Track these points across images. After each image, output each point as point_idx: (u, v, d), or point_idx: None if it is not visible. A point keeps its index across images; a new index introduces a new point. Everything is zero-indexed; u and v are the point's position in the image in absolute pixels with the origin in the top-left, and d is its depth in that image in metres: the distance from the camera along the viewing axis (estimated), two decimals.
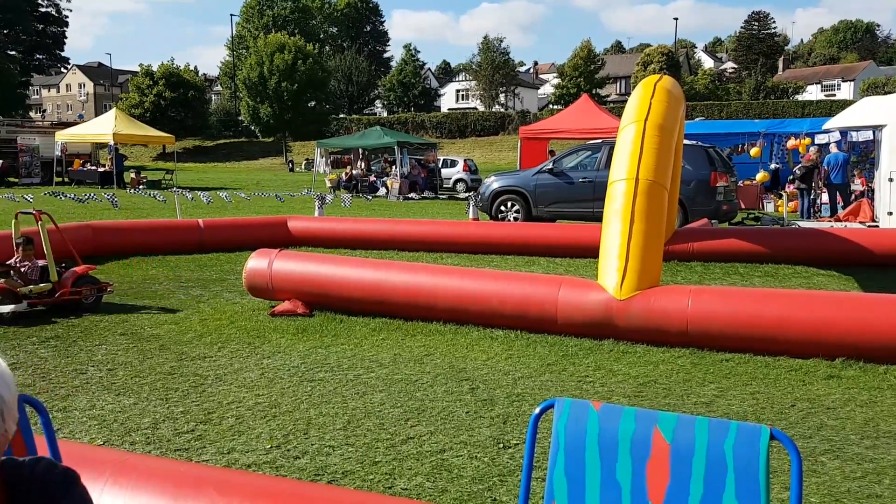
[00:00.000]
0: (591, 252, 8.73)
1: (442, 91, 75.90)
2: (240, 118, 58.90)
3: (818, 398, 4.64)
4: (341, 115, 60.64)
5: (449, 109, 68.04)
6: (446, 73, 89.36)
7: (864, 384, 4.89)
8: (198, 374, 5.16)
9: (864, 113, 13.50)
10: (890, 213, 11.83)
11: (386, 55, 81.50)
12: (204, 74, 78.01)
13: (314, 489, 2.55)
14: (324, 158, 31.43)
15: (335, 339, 6.10)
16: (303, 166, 46.04)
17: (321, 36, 68.56)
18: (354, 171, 27.93)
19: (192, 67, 61.97)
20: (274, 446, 3.88)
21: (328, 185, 27.17)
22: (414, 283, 6.64)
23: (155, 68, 56.78)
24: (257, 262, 7.15)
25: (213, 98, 72.18)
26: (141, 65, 58.07)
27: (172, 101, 55.21)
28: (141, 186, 27.56)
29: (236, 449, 3.85)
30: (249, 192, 19.64)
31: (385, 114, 67.53)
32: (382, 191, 25.41)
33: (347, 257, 7.36)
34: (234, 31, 66.31)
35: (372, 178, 27.48)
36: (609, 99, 60.46)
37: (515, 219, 14.04)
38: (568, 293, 6.18)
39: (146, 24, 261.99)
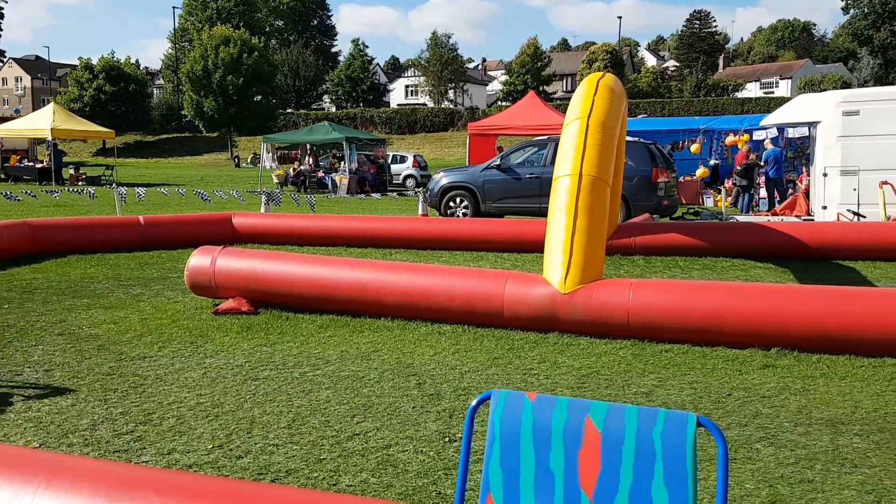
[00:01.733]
0: (538, 247, 8.84)
1: (391, 87, 75.65)
2: (183, 112, 57.63)
3: (754, 387, 4.80)
4: (288, 110, 59.89)
5: (398, 105, 67.87)
6: (395, 68, 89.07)
7: (798, 373, 5.07)
8: (137, 374, 5.05)
9: (800, 110, 13.97)
10: (824, 208, 12.27)
11: (334, 50, 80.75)
12: (146, 68, 76.12)
13: (255, 488, 2.52)
14: (270, 154, 31.02)
15: (281, 337, 6.04)
16: (249, 161, 45.33)
17: (267, 29, 67.53)
18: (302, 167, 27.63)
19: (133, 61, 60.38)
20: (216, 446, 3.82)
21: (275, 180, 26.83)
22: (361, 280, 6.62)
23: (95, 62, 55.12)
24: (200, 260, 7.02)
25: (155, 92, 70.43)
26: (80, 58, 56.38)
27: (113, 95, 53.73)
28: (80, 183, 26.75)
29: (177, 449, 3.78)
30: (210, 190, 19.25)
31: (333, 109, 67.00)
32: (339, 192, 25.19)
33: (293, 254, 7.29)
34: (177, 24, 64.83)
35: (320, 173, 27.24)
36: (556, 96, 61.14)
37: (464, 214, 14.12)
38: (514, 288, 6.24)
39: (88, 16, 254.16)
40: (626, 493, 1.51)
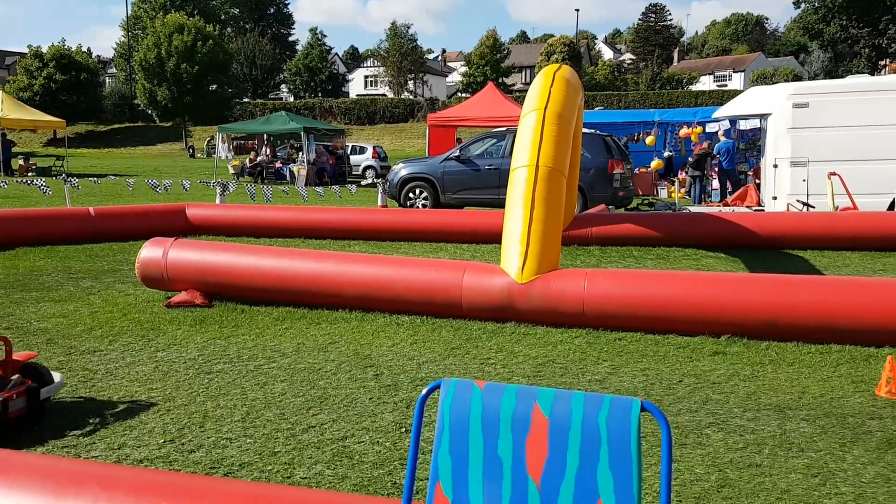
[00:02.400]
0: (497, 238, 8.89)
1: (350, 77, 75.03)
2: (136, 102, 56.31)
3: (704, 374, 4.90)
4: (245, 100, 58.96)
5: (357, 96, 67.36)
6: (354, 58, 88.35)
7: (748, 360, 5.20)
8: (87, 368, 4.94)
9: (751, 102, 14.26)
10: (774, 198, 12.56)
11: (291, 38, 79.73)
12: (98, 56, 74.15)
13: (204, 482, 2.49)
14: (226, 144, 30.54)
15: (235, 330, 5.96)
16: (204, 152, 44.57)
17: (222, 17, 66.27)
18: (259, 158, 27.27)
19: (85, 49, 58.78)
20: (167, 440, 3.76)
21: (231, 171, 26.43)
22: (318, 271, 6.56)
23: (45, 49, 53.49)
24: (151, 252, 6.89)
25: (107, 81, 68.66)
26: (30, 46, 54.65)
27: (64, 84, 52.22)
28: (30, 174, 25.99)
29: (127, 444, 3.71)
30: (162, 181, 18.83)
31: (291, 99, 66.17)
32: (297, 183, 24.91)
33: (248, 245, 7.19)
34: (130, 12, 63.26)
35: (278, 164, 26.91)
36: (515, 88, 61.35)
37: (424, 206, 14.10)
38: (472, 278, 6.26)
39: (37, 2, 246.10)
40: (573, 477, 1.53)
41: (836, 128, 11.82)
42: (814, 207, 11.36)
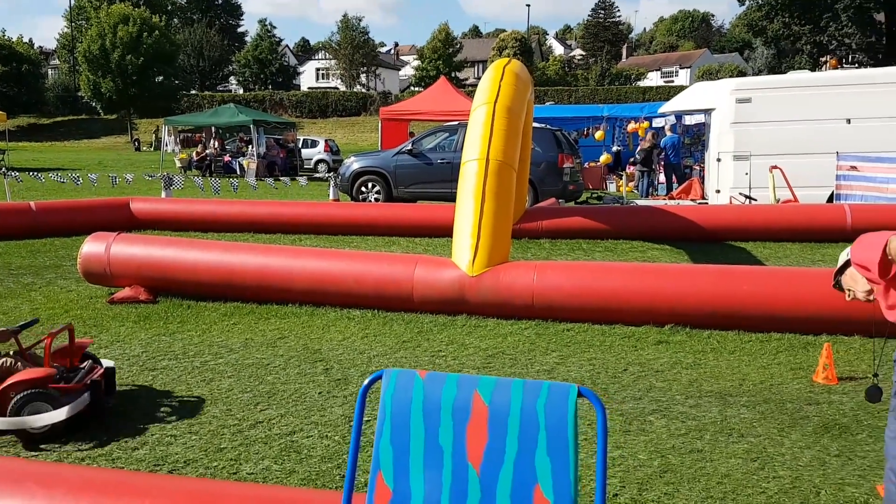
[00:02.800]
0: (450, 231, 8.92)
1: (301, 69, 74.05)
2: (80, 94, 54.63)
3: (648, 362, 5.01)
4: (192, 92, 57.75)
5: (309, 88, 66.54)
6: (305, 50, 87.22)
7: (690, 348, 5.33)
8: None
9: (696, 97, 14.57)
10: (718, 191, 12.86)
11: (240, 30, 78.28)
12: (40, 47, 71.69)
13: (147, 479, 2.45)
14: (173, 137, 29.89)
15: (181, 326, 5.86)
16: (151, 145, 43.54)
17: (169, 8, 64.67)
18: (207, 151, 26.76)
19: (26, 40, 56.75)
20: (110, 438, 3.68)
21: (178, 165, 25.88)
22: (267, 266, 6.49)
23: None
24: (93, 247, 6.71)
25: (50, 73, 66.45)
26: None
27: (4, 75, 50.35)
28: None
29: (69, 442, 3.62)
30: (106, 174, 18.34)
31: (241, 91, 65.03)
32: (246, 176, 24.52)
33: (195, 240, 7.07)
34: (73, 2, 61.28)
35: (226, 157, 26.45)
36: (468, 82, 61.46)
37: (376, 199, 14.04)
38: (423, 271, 6.28)
39: None
40: (511, 463, 1.56)
41: (777, 122, 12.16)
42: (756, 200, 11.67)
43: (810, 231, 9.83)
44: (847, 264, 2.70)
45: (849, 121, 11.19)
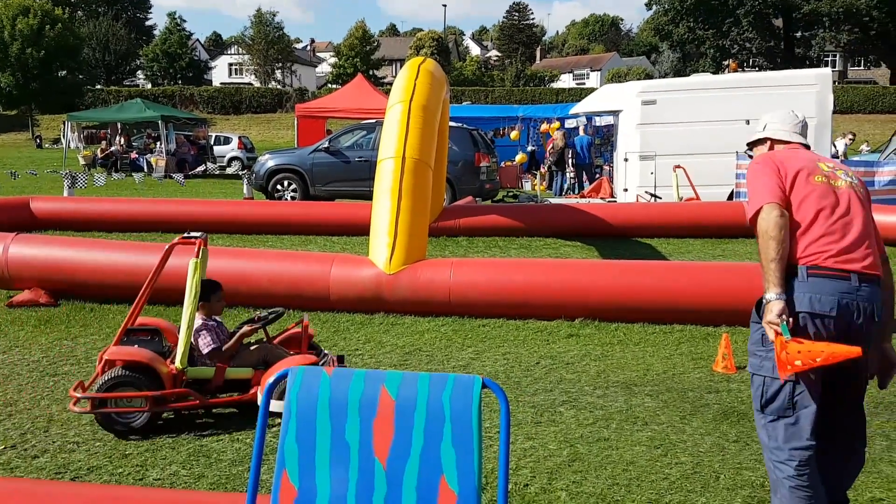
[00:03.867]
0: (368, 230, 8.89)
1: (213, 64, 71.96)
2: None
3: (559, 355, 5.15)
4: (98, 87, 55.26)
5: (221, 84, 64.79)
6: (217, 45, 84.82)
7: (598, 340, 5.51)
8: None
9: (604, 99, 15.03)
10: (626, 190, 13.31)
11: (148, 23, 75.41)
12: None
13: (48, 486, 2.36)
14: (76, 133, 28.54)
15: (84, 330, 5.62)
16: (53, 142, 41.42)
17: (72, 0, 61.74)
18: (113, 148, 25.69)
19: None
20: (8, 447, 3.51)
21: (82, 162, 24.75)
22: (174, 266, 6.27)
23: None
24: None
25: None
26: None
27: None
28: None
29: None
30: (3, 172, 17.31)
31: (149, 86, 62.67)
32: (155, 174, 23.64)
33: (98, 240, 6.79)
34: None
35: (133, 154, 25.47)
36: (386, 80, 61.27)
37: (293, 198, 13.83)
38: (340, 270, 6.24)
39: None
40: (418, 456, 1.58)
41: (680, 123, 12.67)
42: (660, 198, 12.14)
43: (711, 227, 10.31)
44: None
45: (748, 122, 11.76)
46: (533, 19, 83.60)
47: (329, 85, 60.74)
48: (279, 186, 13.95)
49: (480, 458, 1.59)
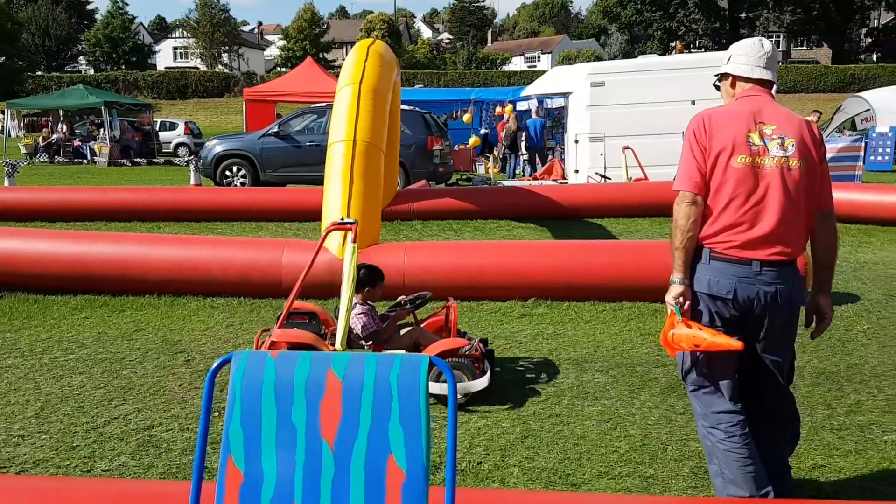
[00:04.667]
0: (320, 215, 8.79)
1: (157, 48, 70.08)
2: None
3: (513, 335, 5.20)
4: (38, 73, 53.36)
5: (166, 68, 63.16)
6: (162, 29, 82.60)
7: (551, 320, 5.57)
8: None
9: (555, 81, 15.11)
10: (576, 171, 13.45)
11: (90, 7, 72.93)
12: None
13: None
14: (17, 121, 27.55)
15: (27, 322, 5.46)
16: None
17: None
18: (54, 135, 24.89)
19: None
20: None
21: (23, 150, 23.94)
22: (120, 255, 6.15)
23: None
24: None
25: None
26: None
27: None
28: None
29: None
30: None
31: (91, 71, 60.74)
32: (98, 162, 22.98)
33: (39, 230, 6.60)
34: None
35: (76, 142, 24.72)
36: (336, 64, 60.50)
37: (242, 184, 13.60)
38: (292, 256, 6.18)
39: None
40: (365, 436, 1.59)
41: (628, 105, 12.83)
42: (610, 179, 12.29)
43: (659, 207, 10.47)
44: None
45: (693, 102, 11.95)
46: (484, 2, 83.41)
47: (278, 68, 59.74)
48: (228, 173, 13.71)
49: (429, 435, 1.60)
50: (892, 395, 4.09)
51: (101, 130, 24.56)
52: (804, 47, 61.18)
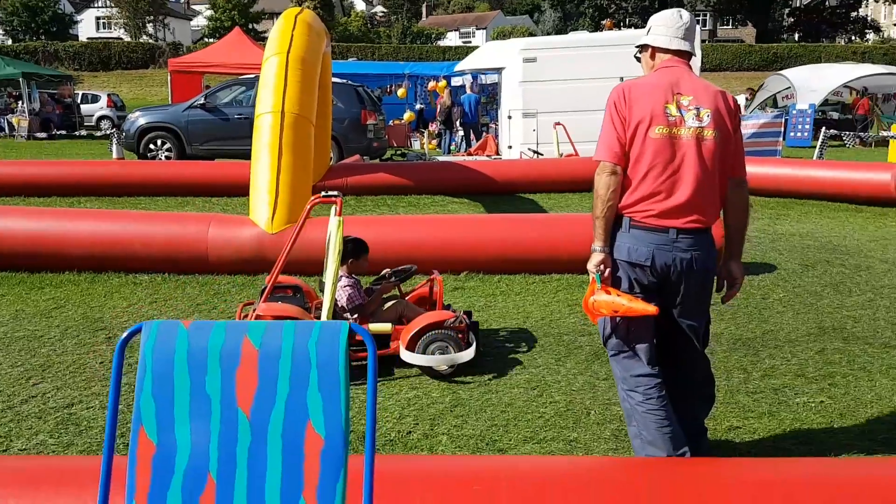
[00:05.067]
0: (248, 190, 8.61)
1: (79, 17, 66.84)
2: None
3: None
4: None
5: (88, 39, 60.40)
6: None
7: (482, 292, 5.63)
8: None
9: (488, 57, 15.11)
10: (510, 147, 13.53)
11: None
12: None
13: None
14: None
15: None
16: None
17: None
18: None
19: None
20: None
21: None
22: (36, 230, 5.90)
23: None
24: None
25: None
26: None
27: None
28: None
29: None
30: None
31: (9, 42, 57.53)
32: (17, 135, 21.87)
33: None
34: None
35: None
36: (265, 34, 58.86)
37: (168, 157, 13.18)
38: (218, 231, 6.05)
39: None
40: (283, 404, 1.57)
41: (560, 81, 12.92)
42: (542, 155, 12.42)
43: (589, 181, 10.63)
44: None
45: (622, 78, 12.13)
46: None
47: (205, 39, 57.83)
48: (152, 146, 13.26)
49: (348, 401, 1.59)
50: (805, 359, 4.30)
51: (20, 103, 23.40)
52: (730, 26, 62.84)
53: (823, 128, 14.46)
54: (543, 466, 2.48)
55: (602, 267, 2.78)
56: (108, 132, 17.10)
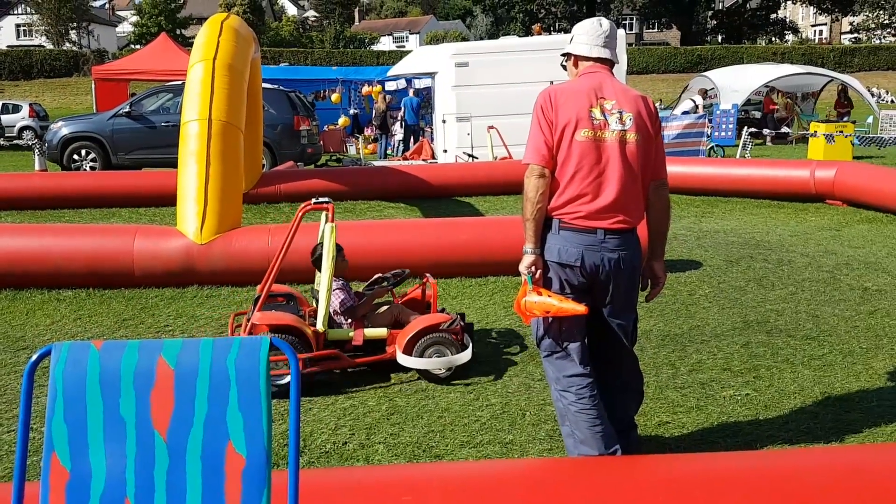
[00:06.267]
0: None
1: None
2: None
3: None
4: None
5: (8, 47, 57.91)
6: (2, 4, 75.52)
7: None
8: None
9: (421, 61, 15.14)
10: (445, 151, 13.58)
11: None
12: None
13: None
14: None
15: None
16: None
17: None
18: None
19: None
20: None
21: None
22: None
23: None
24: None
25: None
26: None
27: None
28: None
29: None
30: None
31: None
32: None
33: None
34: None
35: None
36: (193, 41, 57.72)
37: (92, 168, 12.75)
38: (144, 243, 5.88)
39: None
40: (201, 424, 1.53)
41: (491, 85, 13.04)
42: (477, 158, 12.50)
43: (523, 184, 10.80)
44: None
45: (552, 82, 12.32)
46: None
47: (131, 45, 56.22)
48: (76, 157, 12.81)
49: (269, 419, 1.56)
50: (731, 353, 4.43)
51: None
52: (655, 29, 64.58)
53: (745, 127, 14.98)
54: (476, 472, 2.49)
55: (533, 268, 2.82)
56: (30, 143, 16.42)
